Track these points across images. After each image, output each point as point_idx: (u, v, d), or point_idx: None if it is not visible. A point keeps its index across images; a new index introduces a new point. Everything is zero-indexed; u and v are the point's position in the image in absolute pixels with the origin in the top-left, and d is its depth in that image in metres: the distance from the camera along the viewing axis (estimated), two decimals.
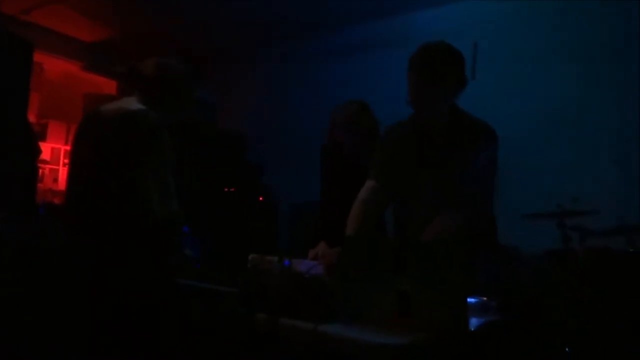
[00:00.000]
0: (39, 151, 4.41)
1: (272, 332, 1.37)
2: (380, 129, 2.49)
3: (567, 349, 2.58)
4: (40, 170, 5.25)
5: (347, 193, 2.46)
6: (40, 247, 3.00)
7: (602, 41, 3.56)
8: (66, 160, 5.90)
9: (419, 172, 1.82)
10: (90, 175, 1.75)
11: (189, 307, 1.67)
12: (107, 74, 5.86)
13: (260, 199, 4.21)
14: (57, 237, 3.36)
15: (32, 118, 4.94)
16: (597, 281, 2.81)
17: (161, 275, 1.74)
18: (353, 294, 1.38)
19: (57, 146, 5.86)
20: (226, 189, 4.55)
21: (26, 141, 3.80)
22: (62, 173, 5.83)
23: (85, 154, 1.81)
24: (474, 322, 1.37)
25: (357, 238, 1.65)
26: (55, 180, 5.70)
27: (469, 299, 1.41)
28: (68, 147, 5.95)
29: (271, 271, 1.72)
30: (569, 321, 2.64)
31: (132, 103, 1.82)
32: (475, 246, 1.63)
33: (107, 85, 6.10)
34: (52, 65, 5.64)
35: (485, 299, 1.51)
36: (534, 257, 2.97)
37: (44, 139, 5.60)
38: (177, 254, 1.92)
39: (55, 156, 5.83)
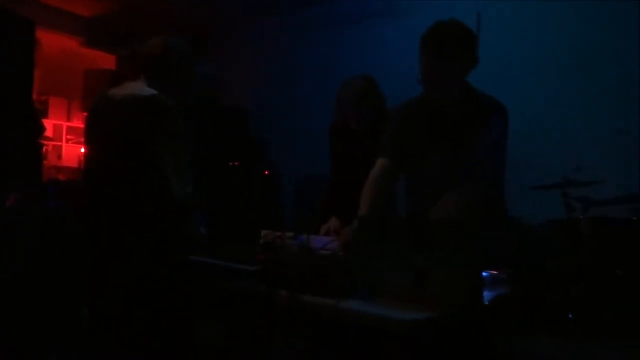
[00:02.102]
0: (43, 129, 4.42)
1: (293, 309, 1.43)
2: (388, 103, 2.50)
3: (569, 316, 2.67)
4: (44, 148, 5.26)
5: (356, 169, 2.50)
6: (56, 228, 3.06)
7: (610, 8, 3.53)
8: (69, 137, 5.90)
9: (428, 148, 1.85)
10: (108, 162, 1.78)
11: (207, 286, 1.73)
12: (106, 49, 5.81)
13: (266, 172, 4.23)
14: (70, 217, 3.42)
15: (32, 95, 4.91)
16: (600, 249, 2.87)
17: (180, 254, 1.79)
18: (370, 270, 1.43)
19: (59, 122, 5.86)
20: (230, 163, 4.58)
21: (31, 119, 3.82)
22: (66, 149, 5.85)
23: (101, 141, 1.83)
24: (486, 295, 1.42)
25: (372, 218, 1.69)
26: (59, 156, 5.72)
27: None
28: (70, 124, 5.94)
29: (290, 248, 1.78)
30: (572, 289, 2.72)
31: (143, 88, 1.81)
32: (485, 221, 1.68)
33: (106, 60, 6.05)
34: (49, 41, 5.58)
35: (495, 272, 1.56)
36: (538, 227, 3.02)
37: (45, 115, 5.59)
38: (193, 231, 1.97)
39: (57, 133, 5.83)
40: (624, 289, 2.80)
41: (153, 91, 1.79)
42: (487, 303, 1.36)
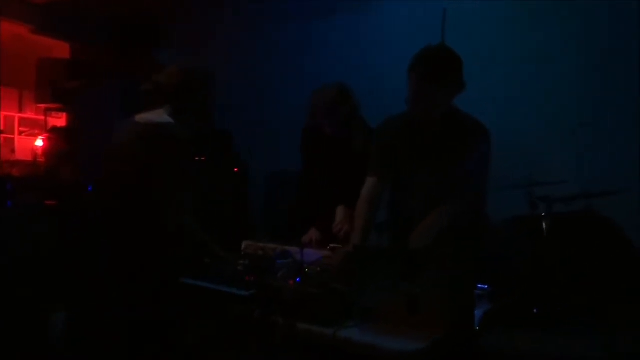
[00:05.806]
0: None
1: (290, 337, 1.46)
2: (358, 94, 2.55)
3: (534, 310, 2.83)
4: None
5: (328, 173, 2.56)
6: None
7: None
8: (22, 129, 5.64)
9: (413, 167, 1.91)
10: (116, 186, 1.78)
11: (204, 312, 1.74)
12: (59, 36, 5.54)
13: (236, 170, 4.19)
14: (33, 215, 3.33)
15: None
16: (562, 244, 3.04)
17: (176, 284, 1.80)
18: (364, 296, 1.48)
19: (10, 114, 5.58)
20: (196, 158, 4.49)
21: None
22: (19, 142, 5.59)
23: (118, 166, 1.84)
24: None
25: (364, 248, 1.75)
26: (12, 150, 5.46)
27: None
28: (23, 115, 5.67)
29: (280, 269, 1.80)
30: (538, 284, 2.88)
31: (161, 116, 1.85)
32: (467, 240, 1.76)
33: (59, 48, 5.78)
34: None
35: (477, 291, 1.64)
36: (504, 225, 3.16)
37: None
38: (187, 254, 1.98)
39: (9, 125, 5.55)
40: (582, 279, 2.99)
41: (168, 119, 1.80)
42: (478, 325, 1.43)
